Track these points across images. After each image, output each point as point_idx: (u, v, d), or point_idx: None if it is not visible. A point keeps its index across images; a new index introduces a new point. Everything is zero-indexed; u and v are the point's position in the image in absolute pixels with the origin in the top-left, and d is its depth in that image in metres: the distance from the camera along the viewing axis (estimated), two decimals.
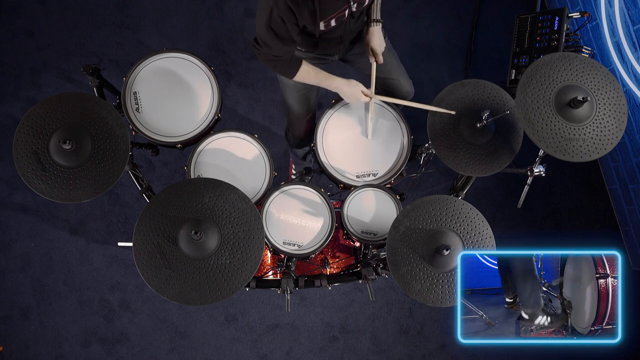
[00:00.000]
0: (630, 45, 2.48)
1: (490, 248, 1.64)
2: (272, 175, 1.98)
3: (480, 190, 3.05)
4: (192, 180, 1.89)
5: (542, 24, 2.36)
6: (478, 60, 3.16)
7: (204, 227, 1.53)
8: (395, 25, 3.15)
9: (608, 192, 3.10)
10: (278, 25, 1.63)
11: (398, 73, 2.15)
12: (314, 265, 2.27)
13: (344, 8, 1.69)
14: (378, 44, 1.97)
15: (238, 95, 3.05)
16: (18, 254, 2.87)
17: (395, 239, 1.62)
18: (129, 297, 2.88)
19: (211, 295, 1.54)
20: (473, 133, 1.82)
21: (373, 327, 2.94)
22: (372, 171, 2.04)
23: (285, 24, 1.63)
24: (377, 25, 1.94)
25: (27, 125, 1.70)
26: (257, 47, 1.75)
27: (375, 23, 1.94)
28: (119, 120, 1.75)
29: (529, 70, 1.69)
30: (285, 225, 1.95)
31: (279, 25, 1.63)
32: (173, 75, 2.00)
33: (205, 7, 3.11)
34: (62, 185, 1.69)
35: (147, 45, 3.06)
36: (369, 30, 1.95)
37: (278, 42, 1.68)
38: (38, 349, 2.84)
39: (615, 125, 1.68)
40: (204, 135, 1.99)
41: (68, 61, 3.01)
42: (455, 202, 1.66)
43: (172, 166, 2.98)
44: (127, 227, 2.92)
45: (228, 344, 2.90)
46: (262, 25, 1.65)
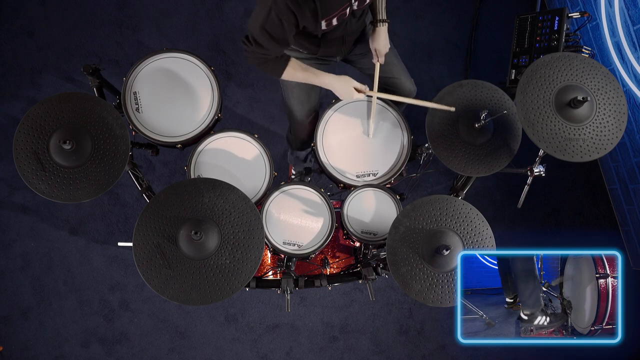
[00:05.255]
0: (630, 45, 2.48)
1: (490, 248, 1.64)
2: (272, 175, 1.98)
3: (480, 190, 3.05)
4: (192, 180, 1.89)
5: (542, 24, 2.36)
6: (478, 60, 3.16)
7: (204, 227, 1.53)
8: (395, 25, 3.15)
9: (608, 192, 3.10)
10: (274, 26, 1.62)
11: (400, 72, 2.15)
12: (314, 265, 2.27)
13: (345, 6, 1.69)
14: (383, 44, 1.96)
15: (238, 95, 3.05)
16: (18, 254, 2.87)
17: (395, 239, 1.62)
18: (129, 297, 2.88)
19: (211, 295, 1.54)
20: (472, 133, 1.82)
21: (373, 327, 2.94)
22: (372, 171, 2.04)
23: (283, 25, 1.62)
24: (383, 26, 1.93)
25: (27, 125, 1.70)
26: (247, 44, 1.73)
27: (381, 23, 1.92)
28: (119, 120, 1.75)
29: (529, 70, 1.69)
30: (285, 225, 1.95)
31: (275, 25, 1.62)
32: (173, 76, 2.00)
33: (205, 7, 3.11)
34: (62, 185, 1.69)
35: (147, 45, 3.06)
36: (375, 30, 1.94)
37: (270, 43, 1.67)
38: (38, 349, 2.84)
39: (615, 125, 1.68)
40: (204, 135, 1.99)
41: (68, 61, 3.01)
42: (455, 202, 1.66)
43: (172, 166, 2.98)
44: (127, 227, 2.92)
45: (228, 344, 2.90)
46: (257, 25, 1.64)
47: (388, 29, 1.98)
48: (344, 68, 2.25)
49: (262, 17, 1.61)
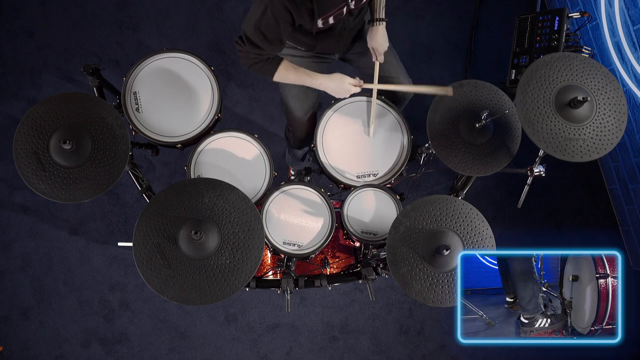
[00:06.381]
0: (630, 45, 2.48)
1: (490, 248, 1.64)
2: (272, 175, 1.98)
3: (480, 190, 3.05)
4: (192, 180, 1.89)
5: (542, 24, 2.36)
6: (478, 60, 3.16)
7: (204, 227, 1.53)
8: (395, 25, 3.15)
9: (608, 192, 3.10)
10: (269, 25, 1.62)
11: (398, 72, 2.15)
12: (314, 265, 2.27)
13: (342, 5, 1.68)
14: (380, 43, 1.94)
15: (238, 95, 3.05)
16: (18, 254, 2.87)
17: (395, 239, 1.62)
18: (129, 297, 2.88)
19: (211, 295, 1.54)
20: (472, 133, 1.82)
21: (373, 327, 2.94)
22: (372, 171, 2.04)
23: (278, 24, 1.61)
24: (381, 24, 1.92)
25: (27, 125, 1.70)
26: (240, 44, 1.73)
27: (378, 22, 1.91)
28: (119, 120, 1.75)
29: (529, 70, 1.69)
30: (285, 225, 1.95)
31: (270, 25, 1.61)
32: (173, 76, 2.00)
33: (205, 7, 3.11)
34: (62, 185, 1.69)
35: (147, 45, 3.06)
36: (372, 29, 1.93)
37: (264, 42, 1.66)
38: (38, 349, 2.84)
39: (615, 125, 1.68)
40: (204, 135, 1.99)
41: (68, 61, 3.01)
42: (455, 202, 1.66)
43: (172, 166, 2.98)
44: (127, 227, 2.92)
45: (228, 344, 2.90)
46: (251, 24, 1.63)
47: (387, 28, 1.98)
48: (343, 68, 2.24)
49: (257, 16, 1.61)
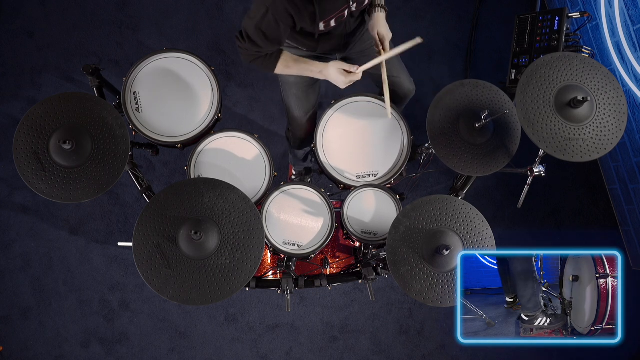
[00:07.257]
0: (630, 45, 2.48)
1: (490, 248, 1.64)
2: (272, 175, 1.98)
3: (480, 190, 3.05)
4: (192, 180, 1.89)
5: (542, 24, 2.36)
6: (478, 60, 3.16)
7: (204, 227, 1.53)
8: (395, 25, 3.11)
9: (608, 192, 3.10)
10: (269, 27, 1.61)
11: (399, 70, 2.15)
12: (314, 265, 2.27)
13: (343, 8, 1.68)
14: (385, 30, 1.88)
15: (238, 95, 3.05)
16: (18, 254, 2.87)
17: (395, 239, 1.62)
18: (129, 297, 2.88)
19: (211, 295, 1.54)
20: (472, 133, 1.82)
21: (373, 327, 2.94)
22: (372, 171, 2.04)
23: (279, 26, 1.61)
24: (382, 12, 1.88)
25: (27, 125, 1.70)
26: (240, 41, 1.73)
27: (380, 9, 1.86)
28: (119, 120, 1.75)
29: (529, 70, 1.69)
30: (285, 225, 1.95)
31: (270, 26, 1.61)
32: (173, 75, 2.00)
33: (205, 7, 3.11)
34: (62, 185, 1.69)
35: (147, 45, 3.06)
36: (373, 16, 1.87)
37: (264, 42, 1.66)
38: (38, 349, 2.84)
39: (615, 125, 1.68)
40: (204, 135, 1.99)
41: (68, 61, 3.01)
42: (455, 202, 1.66)
43: (172, 166, 2.98)
44: (127, 227, 2.92)
45: (228, 344, 2.90)
46: (252, 23, 1.63)
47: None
48: None
49: (258, 17, 1.60)
